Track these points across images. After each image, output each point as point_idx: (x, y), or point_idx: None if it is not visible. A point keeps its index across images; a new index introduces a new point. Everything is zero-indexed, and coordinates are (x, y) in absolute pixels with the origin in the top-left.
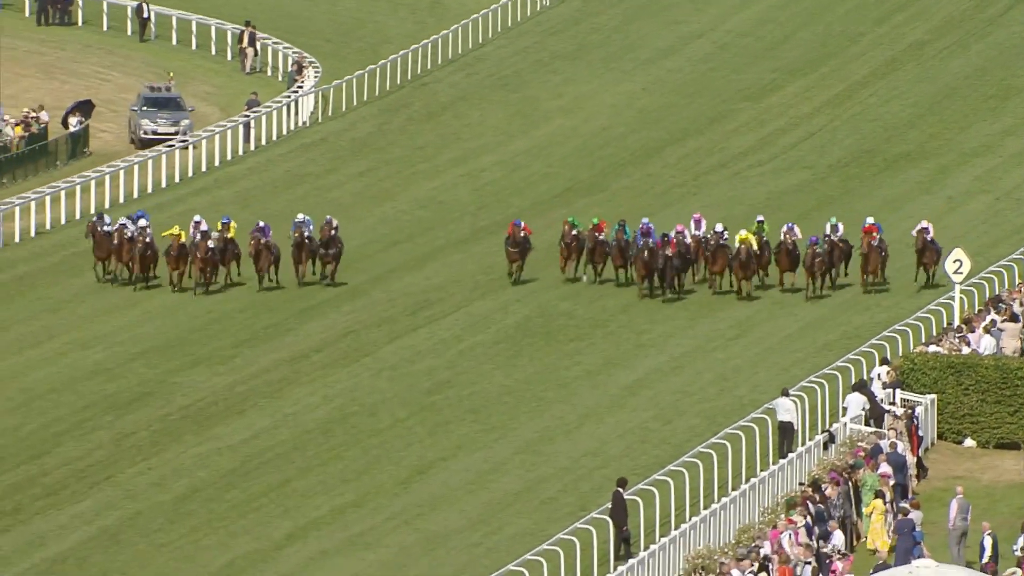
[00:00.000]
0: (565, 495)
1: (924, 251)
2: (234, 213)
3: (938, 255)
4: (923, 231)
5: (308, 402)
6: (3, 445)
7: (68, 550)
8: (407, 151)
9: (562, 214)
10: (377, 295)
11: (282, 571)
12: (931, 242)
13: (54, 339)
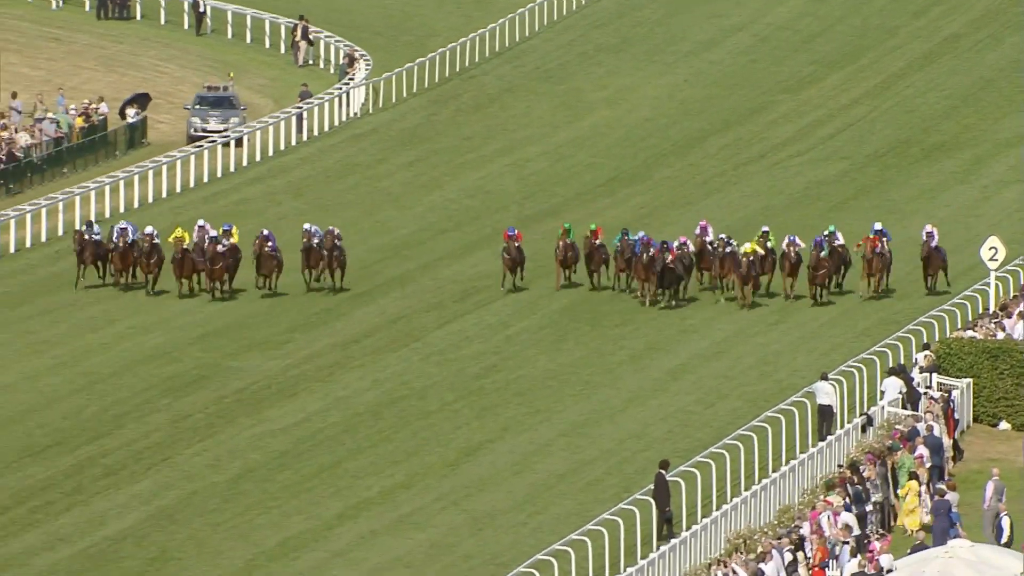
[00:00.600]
0: (609, 477)
1: (929, 258)
2: (287, 202)
3: (944, 261)
4: (929, 236)
5: (359, 386)
6: (65, 427)
7: (127, 529)
8: (455, 141)
9: (606, 203)
10: (426, 282)
11: (333, 549)
12: (936, 248)
13: (115, 324)
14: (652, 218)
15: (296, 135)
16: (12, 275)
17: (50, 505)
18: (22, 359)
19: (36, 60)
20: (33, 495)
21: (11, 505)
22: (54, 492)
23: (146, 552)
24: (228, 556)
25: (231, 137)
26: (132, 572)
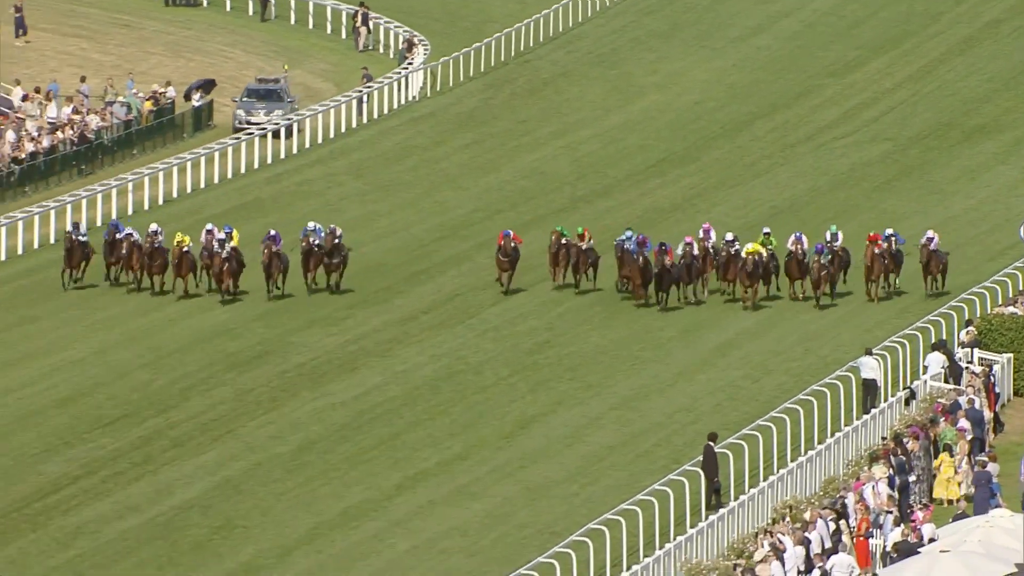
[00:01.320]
0: (659, 449)
1: (930, 262)
2: (347, 183)
3: (943, 264)
4: (928, 241)
5: (416, 360)
6: (134, 400)
7: (194, 498)
8: (510, 124)
9: (656, 184)
10: (482, 260)
11: (393, 519)
12: (935, 252)
13: (181, 300)
14: (701, 199)
15: (357, 118)
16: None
17: (120, 475)
18: (92, 334)
19: (107, 46)
20: (104, 465)
21: (82, 475)
22: (124, 463)
23: (212, 521)
24: (291, 525)
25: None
26: (199, 540)
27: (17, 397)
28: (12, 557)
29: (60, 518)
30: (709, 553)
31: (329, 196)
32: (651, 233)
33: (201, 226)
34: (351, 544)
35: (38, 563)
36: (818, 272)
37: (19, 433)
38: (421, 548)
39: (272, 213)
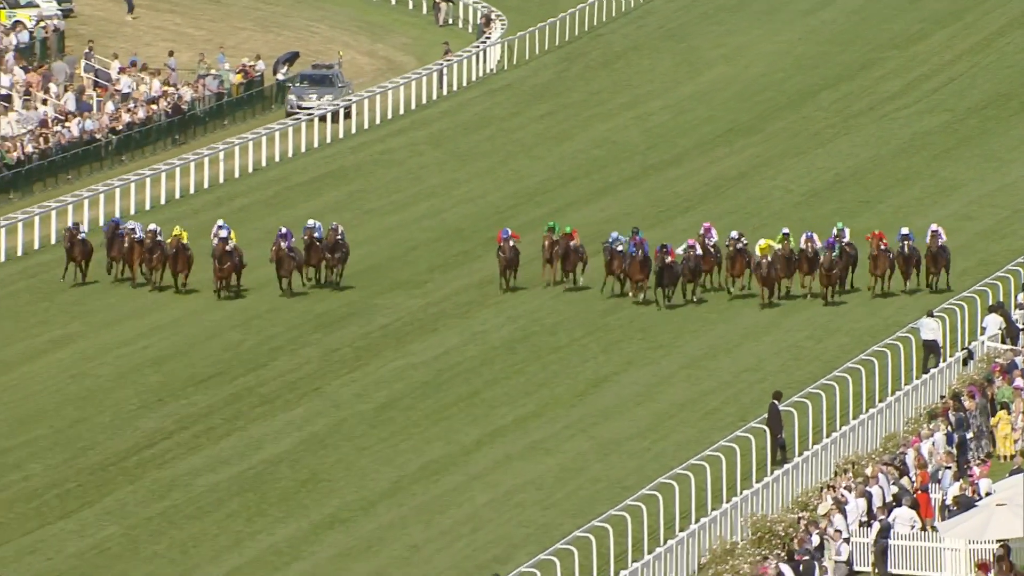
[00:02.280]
0: (726, 406)
1: (937, 256)
2: (427, 152)
3: (947, 260)
4: (934, 234)
5: (494, 322)
6: (225, 359)
7: (282, 453)
8: (583, 96)
9: (724, 153)
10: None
11: (471, 473)
12: (942, 247)
13: (271, 264)
14: (766, 167)
15: (437, 90)
16: (178, 219)
17: (212, 430)
18: (186, 297)
19: (199, 21)
20: (197, 421)
21: (176, 430)
22: (216, 418)
23: (299, 474)
24: (374, 478)
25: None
26: (287, 492)
27: (115, 356)
28: (110, 508)
29: (155, 471)
30: (774, 507)
31: (410, 165)
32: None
33: (288, 195)
34: (432, 497)
35: (135, 514)
36: (828, 268)
37: (117, 390)
38: (498, 501)
39: (356, 181)
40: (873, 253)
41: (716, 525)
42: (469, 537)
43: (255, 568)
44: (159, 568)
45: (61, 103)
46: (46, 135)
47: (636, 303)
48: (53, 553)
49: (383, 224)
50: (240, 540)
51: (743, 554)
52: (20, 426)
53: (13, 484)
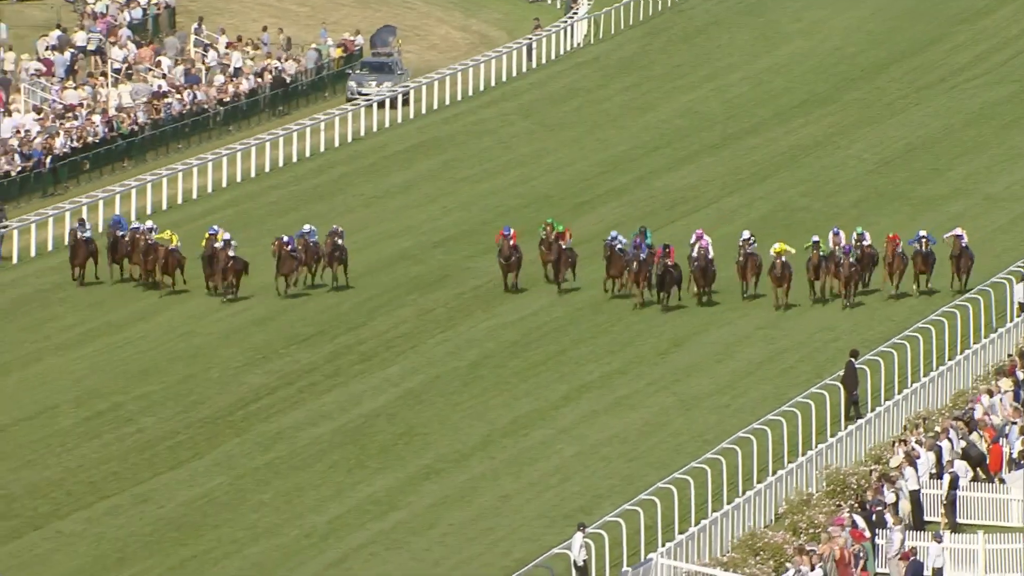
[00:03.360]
0: (802, 364)
1: (960, 257)
2: (517, 122)
3: (971, 261)
4: (958, 238)
5: (581, 284)
6: (325, 319)
7: (379, 407)
8: (667, 68)
9: (800, 123)
10: (640, 193)
11: (559, 427)
12: (965, 248)
13: (367, 229)
14: (841, 136)
15: (527, 63)
16: (282, 185)
17: (313, 386)
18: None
19: None
20: (299, 377)
21: (280, 386)
22: (317, 375)
23: (396, 428)
24: (467, 432)
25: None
26: (384, 445)
27: (219, 317)
28: (219, 459)
29: (261, 424)
30: (848, 460)
31: (501, 134)
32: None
33: (384, 164)
34: (521, 450)
35: (242, 464)
36: (847, 271)
37: (224, 349)
38: (585, 453)
39: (449, 150)
40: (888, 259)
41: (792, 477)
42: (557, 488)
43: (355, 517)
44: (264, 516)
45: (172, 76)
46: (158, 107)
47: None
48: (165, 501)
49: (475, 191)
50: (341, 490)
51: (818, 504)
52: (134, 382)
53: (127, 436)
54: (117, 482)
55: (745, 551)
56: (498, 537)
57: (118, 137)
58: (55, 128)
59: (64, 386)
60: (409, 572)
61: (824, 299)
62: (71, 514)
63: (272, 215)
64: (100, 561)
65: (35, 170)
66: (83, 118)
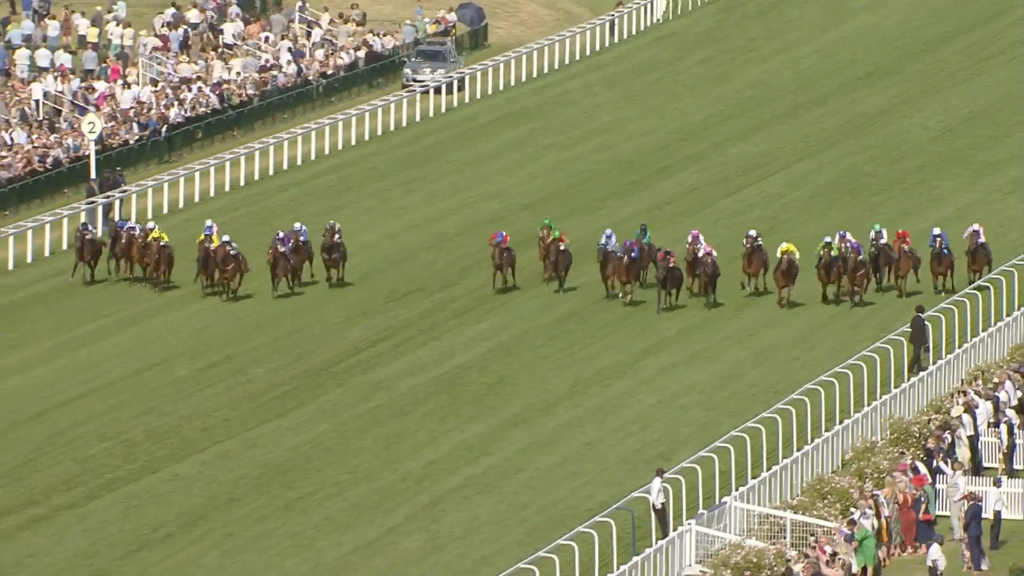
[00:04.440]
0: (870, 319)
1: (976, 254)
2: (599, 93)
3: (989, 258)
4: (974, 233)
5: (662, 243)
6: (421, 277)
7: (472, 359)
8: (740, 42)
9: (865, 93)
10: (716, 159)
11: (639, 378)
12: (981, 245)
13: (460, 193)
14: (905, 105)
15: (609, 38)
16: (381, 152)
17: (410, 340)
18: (384, 221)
19: None
20: (396, 332)
21: (379, 340)
22: (413, 330)
23: (487, 379)
24: (553, 382)
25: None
26: (476, 395)
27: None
28: (322, 408)
29: (361, 375)
30: (910, 410)
31: (585, 104)
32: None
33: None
34: (604, 399)
35: (343, 413)
36: (855, 263)
37: (326, 305)
38: (664, 403)
39: (536, 119)
40: (895, 256)
41: (858, 426)
42: (638, 435)
43: (448, 462)
44: (365, 461)
45: (277, 51)
46: (265, 79)
47: (625, 305)
48: (272, 447)
49: (560, 157)
50: (435, 437)
51: (882, 452)
52: (244, 336)
53: (238, 386)
54: (228, 428)
55: (813, 495)
56: (582, 481)
57: (228, 108)
58: (170, 100)
59: (181, 339)
60: (498, 514)
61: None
62: (186, 458)
63: (371, 179)
64: (212, 501)
65: (152, 139)
66: (196, 90)
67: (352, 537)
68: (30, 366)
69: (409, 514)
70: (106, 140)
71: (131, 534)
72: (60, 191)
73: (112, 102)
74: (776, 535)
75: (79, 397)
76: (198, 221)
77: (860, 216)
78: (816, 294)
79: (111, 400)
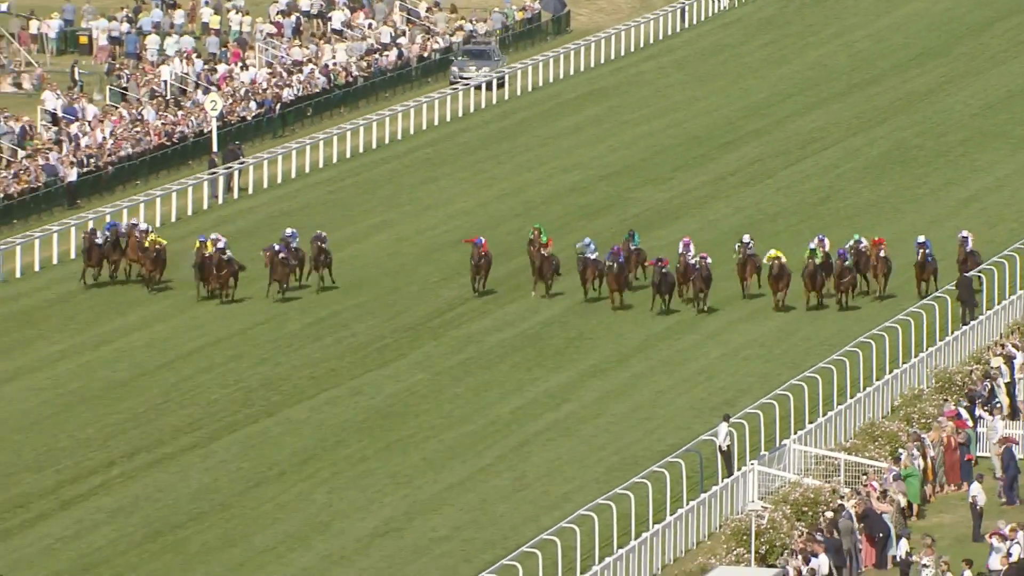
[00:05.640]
0: (912, 282)
1: (966, 261)
2: (671, 74)
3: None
4: (964, 240)
5: (724, 211)
6: (508, 241)
7: (554, 316)
8: (800, 27)
9: (916, 73)
10: (777, 134)
11: (706, 333)
12: (971, 252)
13: (544, 165)
14: (951, 84)
15: (680, 24)
16: (472, 128)
17: (499, 298)
18: (476, 191)
19: None
20: (486, 291)
21: (470, 298)
22: (502, 288)
23: (568, 333)
24: (628, 337)
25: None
26: (558, 347)
27: (422, 238)
28: (419, 359)
29: (454, 330)
30: (954, 361)
31: (658, 84)
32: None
33: (562, 109)
34: (674, 352)
35: (438, 364)
36: (840, 269)
37: (422, 266)
38: (728, 355)
39: (614, 98)
40: (873, 262)
41: (906, 376)
42: (704, 384)
43: (533, 408)
44: (458, 407)
45: (379, 36)
46: (369, 62)
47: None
48: (375, 393)
49: (635, 132)
50: (521, 385)
51: (928, 399)
52: (350, 293)
53: (344, 339)
54: (335, 377)
55: (865, 438)
56: (654, 426)
57: (335, 88)
58: (283, 80)
59: (292, 295)
60: (578, 455)
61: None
62: (297, 403)
63: (464, 153)
64: (321, 443)
65: (267, 115)
66: (306, 72)
67: (446, 475)
68: (158, 320)
69: (498, 455)
70: (226, 117)
71: (249, 472)
72: (185, 163)
73: (232, 83)
74: (831, 474)
75: (200, 349)
76: (309, 190)
77: (909, 185)
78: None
79: (230, 351)
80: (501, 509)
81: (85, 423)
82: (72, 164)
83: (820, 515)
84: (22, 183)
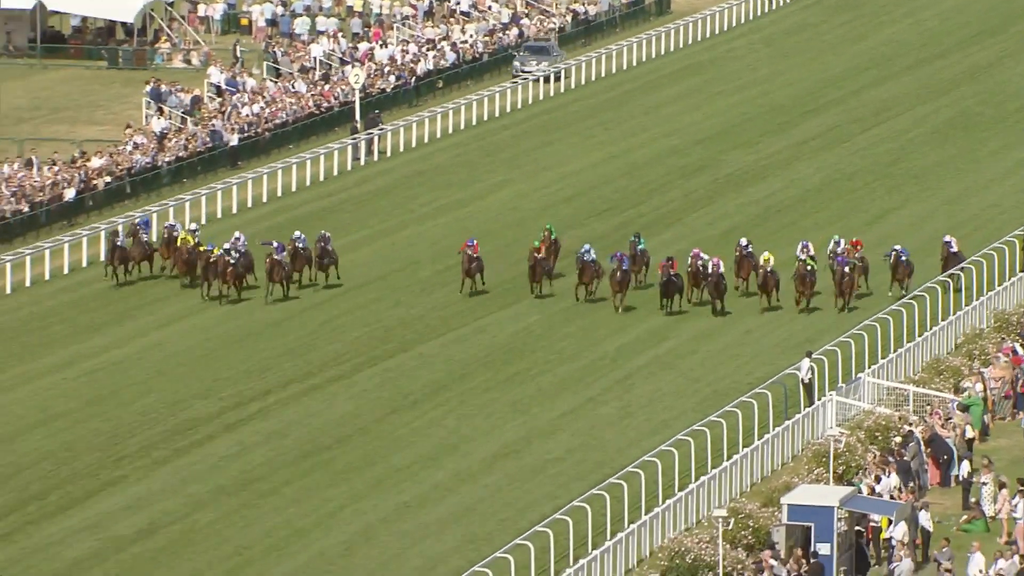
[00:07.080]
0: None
1: (948, 261)
2: (759, 50)
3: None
4: (947, 244)
5: (806, 171)
6: (615, 198)
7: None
8: (874, 8)
9: (976, 49)
10: (852, 103)
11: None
12: (954, 254)
13: (647, 131)
14: (1009, 59)
15: (768, 5)
16: (580, 100)
17: (607, 249)
18: (587, 153)
19: None
20: (596, 241)
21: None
22: (608, 240)
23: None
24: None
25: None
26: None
27: (538, 195)
28: (536, 303)
29: (571, 277)
30: (1011, 303)
31: (748, 59)
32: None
33: (661, 82)
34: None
35: (554, 305)
36: (841, 274)
37: (540, 219)
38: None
39: (709, 71)
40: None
41: (968, 316)
42: (787, 326)
43: (636, 345)
44: (569, 344)
45: (500, 16)
46: (493, 39)
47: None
48: (497, 332)
49: (727, 102)
50: (625, 325)
51: (987, 337)
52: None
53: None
54: (461, 318)
55: (931, 372)
56: (743, 361)
57: (463, 63)
58: (417, 56)
59: (424, 246)
60: (677, 387)
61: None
62: (428, 341)
63: (576, 120)
64: (450, 375)
65: (403, 87)
66: (438, 49)
67: (559, 404)
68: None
69: (605, 387)
70: (367, 89)
71: (386, 400)
72: (332, 129)
73: (372, 58)
74: (901, 404)
75: (344, 292)
76: (440, 153)
77: (971, 148)
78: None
79: (371, 295)
80: (608, 434)
81: (245, 356)
82: (234, 130)
83: (891, 440)
84: (191, 147)
